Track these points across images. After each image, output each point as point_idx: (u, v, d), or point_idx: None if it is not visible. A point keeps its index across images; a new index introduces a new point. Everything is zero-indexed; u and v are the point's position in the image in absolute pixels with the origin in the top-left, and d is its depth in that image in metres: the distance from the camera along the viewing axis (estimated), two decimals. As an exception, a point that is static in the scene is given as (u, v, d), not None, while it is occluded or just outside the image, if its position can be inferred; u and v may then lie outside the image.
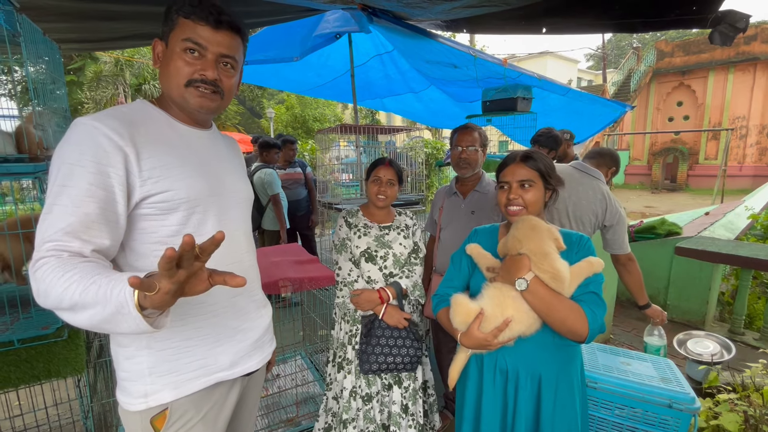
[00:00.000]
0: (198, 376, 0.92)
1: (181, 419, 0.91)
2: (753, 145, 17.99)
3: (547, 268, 1.10)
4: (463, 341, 1.19)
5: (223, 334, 0.96)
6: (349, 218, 1.83)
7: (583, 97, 3.93)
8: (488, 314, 1.14)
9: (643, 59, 19.34)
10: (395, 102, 4.86)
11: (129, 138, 0.81)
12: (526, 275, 1.11)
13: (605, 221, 2.02)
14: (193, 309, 0.91)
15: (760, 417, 1.36)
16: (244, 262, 1.03)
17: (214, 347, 0.95)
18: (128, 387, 0.89)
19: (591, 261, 1.15)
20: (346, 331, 1.78)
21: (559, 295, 1.10)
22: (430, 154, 8.38)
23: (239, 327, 1.00)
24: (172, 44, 0.87)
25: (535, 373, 1.19)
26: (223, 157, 1.04)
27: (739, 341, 3.14)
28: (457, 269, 1.36)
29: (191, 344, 0.91)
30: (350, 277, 1.73)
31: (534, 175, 1.22)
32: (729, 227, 4.25)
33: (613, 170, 2.27)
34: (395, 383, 1.72)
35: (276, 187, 3.66)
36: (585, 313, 1.09)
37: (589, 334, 1.09)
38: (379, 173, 1.76)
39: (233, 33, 0.90)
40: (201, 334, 0.93)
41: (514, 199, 1.22)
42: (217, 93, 0.91)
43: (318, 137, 2.71)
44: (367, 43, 3.47)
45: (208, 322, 0.94)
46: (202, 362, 0.93)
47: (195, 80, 0.87)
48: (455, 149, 1.99)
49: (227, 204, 0.99)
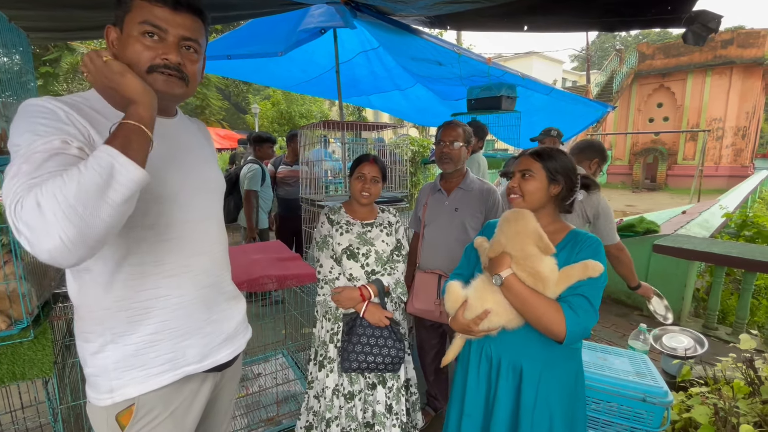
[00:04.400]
0: (165, 370, 0.90)
1: (148, 415, 0.89)
2: (729, 146, 18.59)
3: (526, 268, 1.13)
4: (451, 324, 1.28)
5: (191, 327, 0.94)
6: (331, 215, 1.81)
7: (566, 96, 3.98)
8: (470, 303, 1.21)
9: (626, 61, 19.76)
10: (381, 99, 4.84)
11: (87, 122, 0.78)
12: (503, 272, 1.14)
13: (590, 217, 2.05)
14: (159, 302, 0.89)
15: (729, 409, 1.40)
16: (215, 253, 1.01)
17: (181, 340, 0.92)
18: (94, 382, 0.87)
19: (587, 264, 1.12)
20: (327, 329, 1.76)
21: (536, 293, 1.12)
22: (417, 152, 8.38)
23: (209, 319, 0.98)
24: (128, 28, 0.82)
25: (516, 364, 1.21)
26: (192, 145, 1.01)
27: (713, 336, 3.23)
28: (467, 260, 1.43)
29: (157, 338, 0.89)
30: (331, 274, 1.71)
31: (536, 167, 1.23)
32: (704, 225, 4.37)
33: (596, 161, 2.25)
34: (379, 383, 1.71)
35: (252, 184, 3.57)
36: (564, 312, 1.08)
37: (567, 335, 1.08)
38: (364, 170, 1.74)
39: (194, 15, 0.86)
40: (167, 328, 0.90)
41: (513, 188, 1.27)
42: (182, 79, 0.87)
43: (301, 133, 2.67)
44: (352, 40, 3.44)
45: (174, 315, 0.91)
46: (170, 356, 0.91)
47: (158, 65, 0.83)
48: (438, 144, 1.99)
49: (195, 194, 0.96)
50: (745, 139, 18.56)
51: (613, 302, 4.03)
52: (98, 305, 0.85)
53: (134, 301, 0.86)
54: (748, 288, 3.12)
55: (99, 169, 0.63)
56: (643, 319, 3.66)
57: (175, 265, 0.91)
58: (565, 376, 1.22)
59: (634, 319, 3.68)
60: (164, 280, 0.90)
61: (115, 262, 0.84)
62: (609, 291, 4.04)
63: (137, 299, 0.87)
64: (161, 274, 0.89)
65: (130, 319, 0.86)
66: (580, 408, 1.25)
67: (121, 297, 0.85)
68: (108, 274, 0.84)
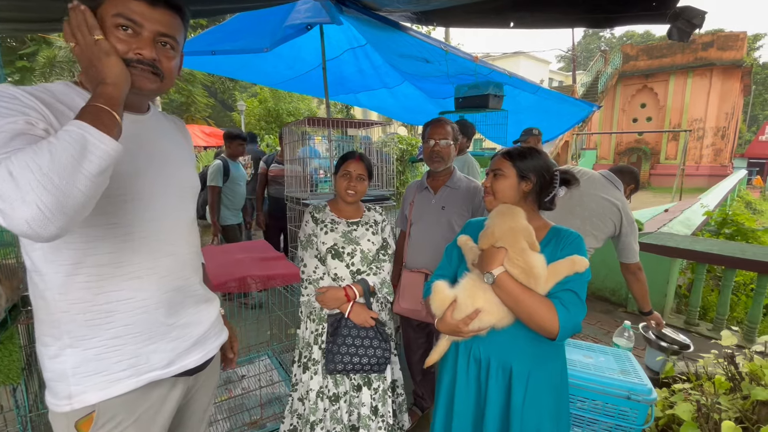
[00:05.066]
0: (128, 376, 0.86)
1: (109, 422, 0.85)
2: (709, 146, 19.09)
3: (519, 263, 1.11)
4: (438, 326, 1.24)
5: (156, 331, 0.90)
6: (316, 213, 1.77)
7: (552, 95, 4.00)
8: (460, 303, 1.17)
9: (610, 62, 20.10)
10: (369, 97, 4.81)
11: (50, 111, 0.74)
12: (495, 269, 1.12)
13: (621, 229, 2.13)
14: (122, 305, 0.85)
15: (711, 406, 1.42)
16: (183, 255, 0.97)
17: (145, 345, 0.88)
18: (53, 387, 0.83)
19: (573, 260, 1.13)
20: (311, 330, 1.72)
21: (528, 290, 1.11)
22: (405, 151, 8.36)
23: (175, 323, 0.94)
24: (102, 18, 0.78)
25: (506, 364, 1.20)
26: (164, 143, 0.96)
27: (695, 332, 3.29)
28: (448, 260, 1.39)
29: (119, 342, 0.85)
30: (315, 274, 1.67)
31: (506, 166, 1.25)
32: (686, 223, 4.46)
33: (632, 187, 2.31)
34: (364, 384, 1.68)
35: (214, 180, 3.53)
36: (556, 309, 1.08)
37: (560, 331, 1.08)
38: (349, 167, 1.71)
39: (172, 11, 0.84)
40: (130, 332, 0.86)
41: (485, 186, 1.30)
42: (156, 75, 0.84)
43: (285, 130, 2.61)
44: (339, 36, 3.40)
45: (138, 319, 0.87)
46: (132, 361, 0.86)
47: (131, 60, 0.80)
48: (427, 143, 1.96)
49: (164, 194, 0.92)
50: (725, 140, 19.09)
51: (598, 299, 4.08)
52: (55, 307, 0.81)
53: (94, 304, 0.82)
54: (728, 285, 3.18)
55: (71, 141, 0.62)
56: (627, 315, 3.71)
57: (139, 266, 0.87)
58: (552, 373, 1.22)
59: (619, 315, 3.73)
60: (127, 282, 0.85)
61: (71, 262, 0.80)
62: (594, 288, 4.09)
63: (97, 302, 0.82)
64: (124, 275, 0.85)
65: (90, 322, 0.82)
66: (565, 404, 1.26)
67: (79, 299, 0.81)
68: (63, 275, 0.80)
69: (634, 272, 2.19)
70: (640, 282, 2.20)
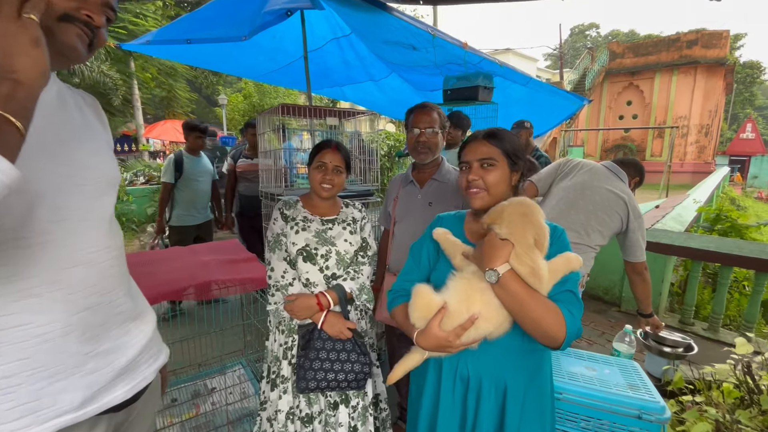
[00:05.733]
0: (26, 425, 0.65)
1: None
2: (693, 143, 19.39)
3: (527, 262, 0.92)
4: (419, 341, 1.02)
5: (65, 364, 0.69)
6: (286, 210, 1.56)
7: (544, 87, 3.86)
8: (452, 309, 0.98)
9: (597, 59, 20.21)
10: (355, 91, 4.63)
11: None
12: (500, 266, 0.92)
13: (628, 224, 1.95)
14: (13, 334, 0.64)
15: (730, 425, 1.27)
16: (100, 263, 0.76)
17: (50, 383, 0.68)
18: None
19: (568, 257, 0.99)
20: (280, 342, 1.52)
21: (535, 293, 0.93)
22: (393, 147, 8.15)
23: (93, 352, 0.73)
24: None
25: (500, 382, 1.04)
26: (73, 126, 0.77)
27: (690, 332, 3.18)
28: (416, 261, 1.19)
29: (12, 383, 0.64)
30: (284, 279, 1.46)
31: (497, 153, 1.07)
32: (678, 219, 4.38)
33: (636, 180, 2.15)
34: (341, 401, 1.48)
35: (165, 175, 3.28)
36: (563, 314, 0.94)
37: (566, 339, 0.93)
38: (325, 158, 1.50)
39: None
40: (27, 368, 0.65)
41: (473, 180, 1.07)
42: (90, 44, 0.73)
43: (260, 119, 2.39)
44: (323, 25, 3.21)
45: (38, 350, 0.66)
46: (32, 406, 0.66)
47: (77, 18, 0.68)
48: (411, 132, 1.77)
49: (73, 188, 0.72)
50: (708, 137, 19.40)
51: (590, 298, 3.95)
52: None
53: None
54: (724, 282, 3.08)
55: None
56: (621, 316, 3.59)
57: (38, 280, 0.66)
58: (545, 385, 1.09)
59: (613, 315, 3.61)
60: (20, 303, 0.65)
61: None
62: (586, 286, 3.97)
63: None
64: (17, 293, 0.64)
65: None
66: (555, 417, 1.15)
67: None
68: None
69: (640, 272, 2.02)
70: (646, 283, 2.04)
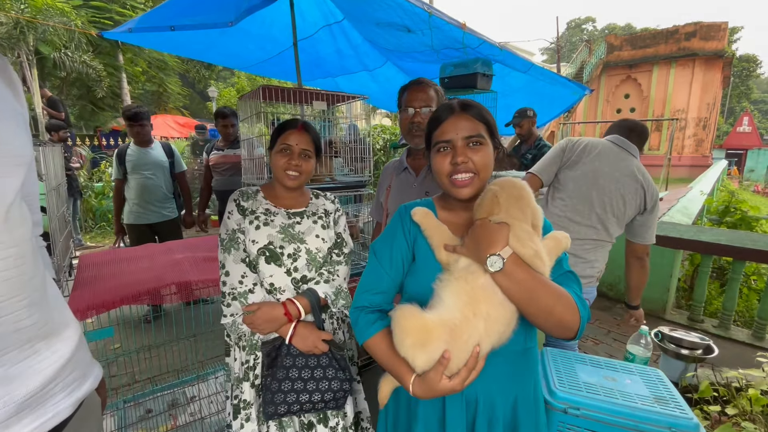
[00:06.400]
0: None
1: None
2: (691, 137, 19.29)
3: (530, 244, 0.77)
4: (418, 391, 0.80)
5: None
6: (243, 201, 1.30)
7: (545, 74, 3.68)
8: (458, 323, 0.77)
9: (594, 52, 20.03)
10: (349, 81, 4.45)
11: None
12: (502, 251, 0.76)
13: (645, 206, 1.76)
14: None
15: (775, 445, 1.11)
16: None
17: None
18: None
19: (557, 237, 0.86)
20: (242, 361, 1.27)
21: (543, 278, 0.77)
22: (388, 140, 7.96)
23: None
24: None
25: (509, 395, 0.88)
26: None
27: (700, 329, 3.04)
28: (384, 263, 0.94)
29: None
30: (242, 285, 1.21)
31: (483, 129, 0.89)
32: (685, 212, 4.23)
33: None
34: (319, 421, 1.28)
35: (113, 172, 3.09)
36: (574, 299, 0.80)
37: (580, 327, 0.80)
38: (290, 140, 1.27)
39: None
40: None
41: (463, 163, 0.86)
42: None
43: (240, 104, 2.19)
44: (313, 11, 3.03)
45: None
46: None
47: None
48: (405, 112, 1.57)
49: None
50: (706, 130, 19.30)
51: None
52: None
53: None
54: (736, 278, 2.93)
55: None
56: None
57: None
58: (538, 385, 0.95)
59: (618, 312, 3.46)
60: None
61: None
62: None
63: None
64: None
65: None
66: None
67: None
68: None
69: (641, 257, 1.83)
70: (644, 270, 1.85)
